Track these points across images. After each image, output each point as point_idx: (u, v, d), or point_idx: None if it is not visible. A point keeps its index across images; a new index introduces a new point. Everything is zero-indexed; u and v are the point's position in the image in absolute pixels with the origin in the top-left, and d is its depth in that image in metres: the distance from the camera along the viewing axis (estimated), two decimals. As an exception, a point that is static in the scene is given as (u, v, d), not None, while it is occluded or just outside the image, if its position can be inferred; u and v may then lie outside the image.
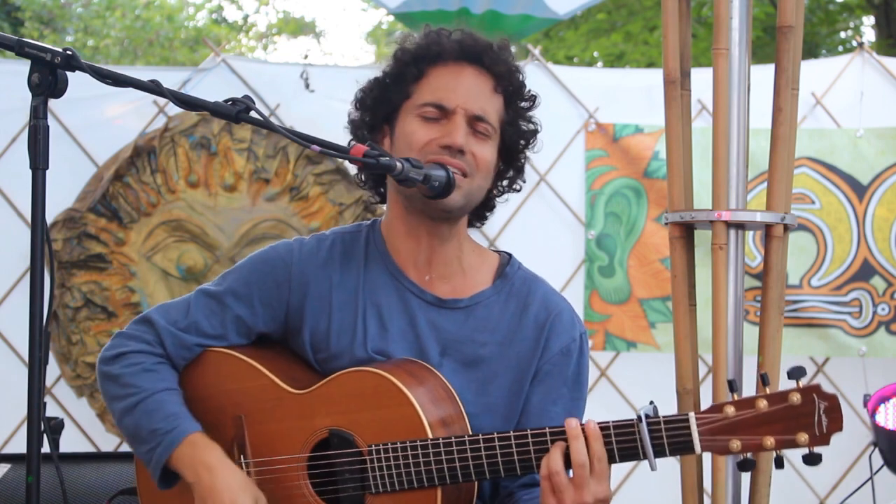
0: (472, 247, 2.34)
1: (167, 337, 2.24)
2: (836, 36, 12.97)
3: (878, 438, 3.93)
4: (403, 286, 2.25)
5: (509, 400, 2.23)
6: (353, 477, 2.10)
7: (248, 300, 2.26)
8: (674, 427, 1.94)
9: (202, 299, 2.27)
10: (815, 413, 1.85)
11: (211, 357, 2.26)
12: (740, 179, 2.82)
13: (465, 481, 2.06)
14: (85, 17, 15.14)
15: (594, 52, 12.56)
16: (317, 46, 21.31)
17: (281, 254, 2.29)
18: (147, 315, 2.28)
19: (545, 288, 2.33)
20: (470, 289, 2.27)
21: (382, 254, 2.28)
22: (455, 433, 2.09)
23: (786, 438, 1.85)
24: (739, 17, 2.81)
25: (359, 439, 2.11)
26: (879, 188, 5.21)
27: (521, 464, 2.02)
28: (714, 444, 1.89)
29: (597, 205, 5.22)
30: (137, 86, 1.92)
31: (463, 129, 2.18)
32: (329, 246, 2.29)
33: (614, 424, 1.98)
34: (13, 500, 3.08)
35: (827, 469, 5.20)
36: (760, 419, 1.86)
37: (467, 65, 2.23)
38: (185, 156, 5.07)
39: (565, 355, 2.26)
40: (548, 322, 2.26)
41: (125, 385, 2.21)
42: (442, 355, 2.22)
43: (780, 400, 1.86)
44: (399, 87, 2.24)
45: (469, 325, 2.24)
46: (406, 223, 2.26)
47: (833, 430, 1.85)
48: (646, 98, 5.09)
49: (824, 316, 5.17)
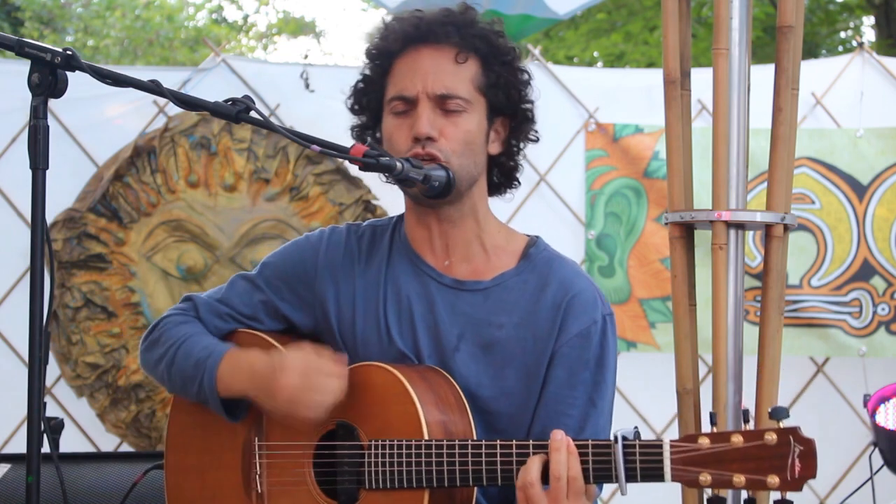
0: (498, 227, 2.30)
1: (202, 305, 2.32)
2: (836, 36, 12.98)
3: (878, 438, 3.93)
4: (423, 272, 2.25)
5: (525, 384, 2.18)
6: (352, 470, 2.11)
7: (278, 285, 2.30)
8: (647, 452, 1.89)
9: (238, 281, 2.35)
10: (790, 456, 1.78)
11: (241, 337, 2.31)
12: (740, 179, 2.82)
13: (451, 486, 2.04)
14: (85, 17, 15.13)
15: (594, 52, 12.56)
16: (317, 46, 21.31)
17: (312, 242, 2.32)
18: (187, 294, 2.38)
19: (569, 269, 2.25)
20: (492, 270, 2.24)
21: (404, 244, 2.28)
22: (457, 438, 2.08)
23: (756, 479, 1.79)
24: (739, 17, 2.81)
25: (362, 433, 2.11)
26: (879, 188, 5.21)
27: (502, 473, 2.00)
28: (684, 474, 1.85)
29: (597, 205, 5.22)
30: (137, 86, 1.92)
31: (426, 115, 2.15)
32: (359, 237, 2.31)
33: (592, 443, 1.94)
34: (13, 500, 3.08)
35: (827, 469, 5.19)
36: (733, 455, 1.81)
37: (423, 46, 2.20)
38: (185, 156, 5.07)
39: (584, 338, 2.17)
40: (564, 303, 2.18)
41: (164, 342, 2.29)
42: (459, 339, 2.20)
43: (755, 437, 1.80)
44: (375, 87, 2.24)
45: (487, 307, 2.21)
46: (415, 213, 2.26)
47: (805, 476, 1.78)
48: (646, 98, 5.09)
49: (824, 316, 5.17)
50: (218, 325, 2.31)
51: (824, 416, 5.15)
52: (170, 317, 2.33)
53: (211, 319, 2.31)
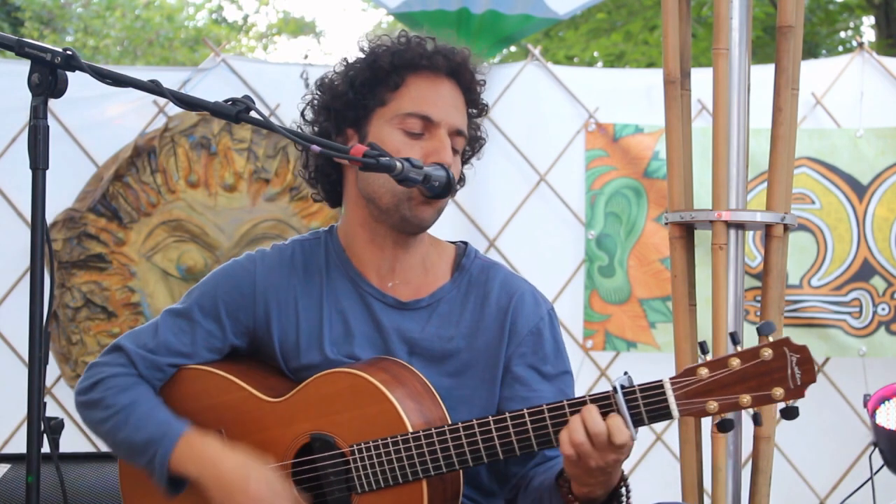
0: (432, 243, 2.31)
1: (139, 360, 2.24)
2: (836, 36, 12.97)
3: (878, 438, 3.93)
4: (365, 291, 2.24)
5: (485, 390, 2.21)
6: (338, 479, 2.10)
7: (216, 314, 2.25)
8: (650, 394, 1.90)
9: (169, 319, 2.27)
10: (788, 366, 1.84)
11: (185, 375, 2.26)
12: (740, 179, 2.83)
13: (449, 471, 2.05)
14: (85, 17, 15.13)
15: (594, 52, 12.55)
16: (317, 46, 21.30)
17: (244, 266, 2.28)
18: (116, 343, 2.28)
19: (503, 273, 2.30)
20: (430, 286, 2.26)
21: (343, 260, 2.27)
22: (435, 425, 2.07)
23: (761, 395, 1.85)
24: (739, 17, 2.82)
25: (340, 440, 2.11)
26: (879, 188, 5.21)
27: (502, 448, 2.00)
28: (691, 407, 1.88)
29: (597, 205, 5.22)
30: (137, 86, 1.92)
31: (449, 145, 2.17)
32: (290, 255, 2.29)
33: (590, 398, 1.94)
34: (13, 500, 3.08)
35: (827, 469, 5.20)
36: (734, 378, 1.86)
37: (445, 78, 2.21)
38: (185, 156, 5.07)
39: (537, 335, 2.23)
40: (510, 306, 2.23)
41: (107, 406, 2.21)
42: (410, 355, 2.21)
43: (752, 357, 1.85)
44: (374, 92, 2.20)
45: (433, 324, 2.23)
46: (370, 230, 2.24)
47: (806, 381, 1.84)
48: (646, 98, 5.09)
49: (824, 316, 5.17)
50: (158, 377, 2.26)
51: (824, 416, 5.14)
52: (111, 378, 2.23)
53: (150, 374, 2.25)
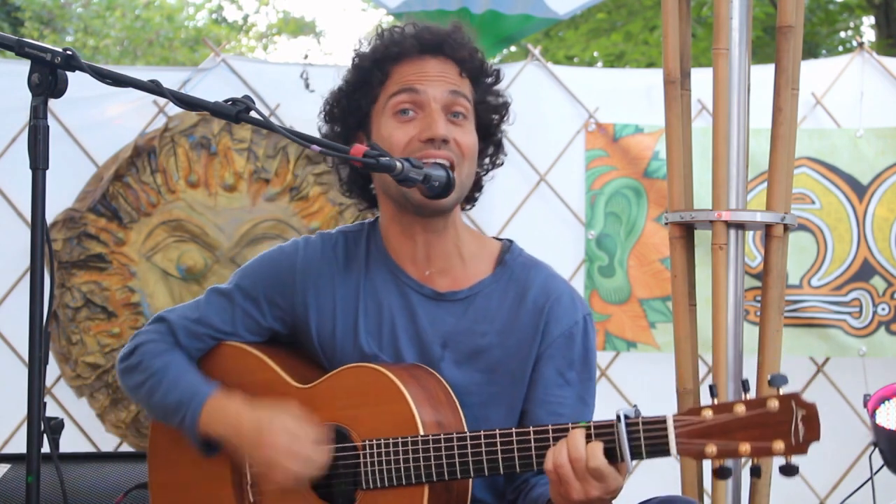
0: (471, 235, 2.33)
1: (180, 329, 2.30)
2: (836, 36, 12.97)
3: (878, 438, 3.93)
4: (403, 282, 2.26)
5: (513, 388, 2.21)
6: (347, 472, 2.11)
7: (256, 298, 2.29)
8: (651, 429, 1.88)
9: (213, 297, 2.33)
10: (793, 421, 1.80)
11: (224, 350, 2.31)
12: (740, 179, 2.83)
13: (451, 479, 2.04)
14: (85, 17, 15.13)
15: (594, 52, 12.55)
16: (317, 46, 21.30)
17: (287, 253, 2.32)
18: (159, 314, 2.35)
19: (546, 273, 2.30)
20: (469, 279, 2.26)
21: (382, 252, 2.29)
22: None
23: (761, 445, 1.80)
24: (739, 17, 2.82)
25: (354, 434, 2.12)
26: (879, 188, 5.21)
27: (504, 463, 2.00)
28: (690, 447, 1.84)
29: (597, 205, 5.22)
30: (137, 86, 1.92)
31: (442, 117, 2.17)
32: (333, 245, 2.31)
33: (595, 424, 1.94)
34: (13, 500, 3.08)
35: (827, 469, 5.20)
36: (737, 424, 1.81)
37: (430, 56, 2.22)
38: (185, 156, 5.07)
39: (568, 339, 2.22)
40: (546, 306, 2.23)
41: (143, 370, 2.27)
42: (444, 348, 2.21)
43: (758, 405, 1.81)
44: (365, 92, 2.24)
45: (469, 317, 2.23)
46: (399, 223, 2.26)
47: (810, 439, 1.80)
48: (646, 98, 5.09)
49: (824, 316, 5.17)
50: (198, 346, 2.31)
51: (824, 417, 5.09)
52: (148, 343, 2.30)
53: (190, 343, 2.30)
